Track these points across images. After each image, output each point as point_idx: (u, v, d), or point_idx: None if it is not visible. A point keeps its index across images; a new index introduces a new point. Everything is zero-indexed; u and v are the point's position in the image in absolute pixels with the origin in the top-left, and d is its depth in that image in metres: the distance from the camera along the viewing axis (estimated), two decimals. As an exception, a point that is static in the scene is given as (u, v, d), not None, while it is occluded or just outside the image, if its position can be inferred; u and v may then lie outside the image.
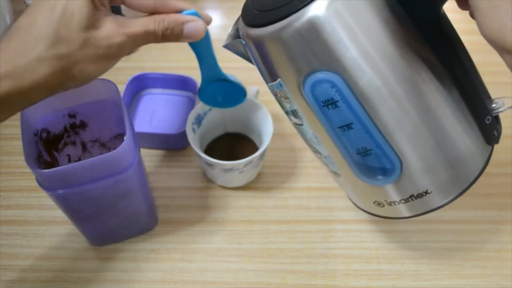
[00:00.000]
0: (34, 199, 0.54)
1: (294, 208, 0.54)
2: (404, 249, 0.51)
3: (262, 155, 0.51)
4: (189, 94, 0.63)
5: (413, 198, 0.40)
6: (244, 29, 0.37)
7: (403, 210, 0.41)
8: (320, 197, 0.55)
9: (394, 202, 0.41)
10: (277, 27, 0.33)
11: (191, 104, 0.61)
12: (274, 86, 0.38)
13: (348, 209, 0.54)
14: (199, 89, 0.50)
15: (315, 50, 0.33)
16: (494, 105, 0.39)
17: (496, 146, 0.60)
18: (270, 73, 0.37)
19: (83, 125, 0.48)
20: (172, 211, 0.53)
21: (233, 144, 0.58)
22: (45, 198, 0.53)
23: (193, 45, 0.43)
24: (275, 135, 0.52)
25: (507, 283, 0.48)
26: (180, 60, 0.68)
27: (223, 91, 0.50)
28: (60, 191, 0.39)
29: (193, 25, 0.40)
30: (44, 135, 0.45)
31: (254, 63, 0.38)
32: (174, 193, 0.55)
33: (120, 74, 0.65)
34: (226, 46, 0.40)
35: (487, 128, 0.39)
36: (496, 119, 0.40)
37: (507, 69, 0.33)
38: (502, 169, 0.57)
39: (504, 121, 0.63)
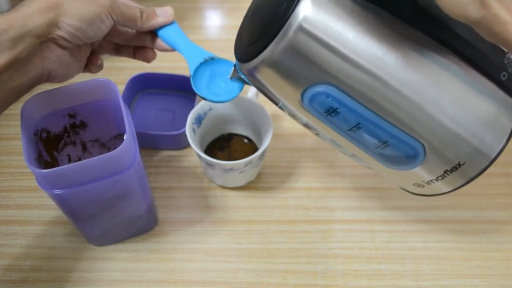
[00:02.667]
0: (34, 199, 0.54)
1: (294, 208, 0.54)
2: (404, 249, 0.51)
3: (262, 155, 0.51)
4: (189, 94, 0.63)
5: (448, 173, 0.39)
6: (238, 64, 0.39)
7: (443, 186, 0.41)
8: (320, 197, 0.55)
9: (431, 181, 0.40)
10: (261, 59, 0.35)
11: (191, 104, 0.61)
12: (280, 107, 0.40)
13: (348, 209, 0.54)
14: (191, 76, 0.46)
15: (299, 70, 0.35)
16: (509, 59, 0.37)
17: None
18: (271, 98, 0.39)
19: (83, 125, 0.48)
20: (172, 211, 0.53)
21: (233, 144, 0.58)
22: (45, 198, 0.53)
23: (164, 36, 0.46)
24: (275, 135, 0.52)
25: (507, 283, 0.48)
26: (180, 60, 0.67)
27: (217, 77, 0.47)
28: (60, 191, 0.39)
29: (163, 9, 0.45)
30: (44, 135, 0.45)
31: (258, 90, 0.40)
32: (174, 193, 0.55)
33: (120, 74, 0.65)
34: (232, 79, 0.42)
35: (506, 84, 0.37)
36: None
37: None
38: (502, 169, 0.57)
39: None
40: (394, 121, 0.36)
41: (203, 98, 0.45)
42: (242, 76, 0.40)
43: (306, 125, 0.41)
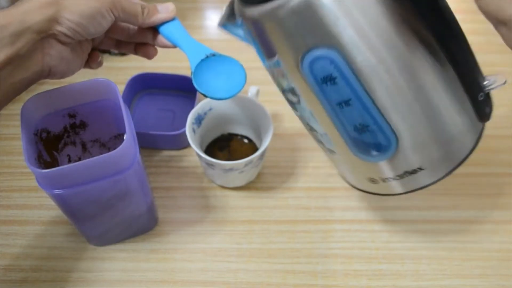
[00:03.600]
0: (34, 199, 0.54)
1: (294, 208, 0.54)
2: (404, 249, 0.51)
3: (262, 155, 0.51)
4: (189, 94, 0.63)
5: (406, 174, 0.40)
6: (240, 8, 0.37)
7: (396, 186, 0.42)
8: (320, 197, 0.55)
9: (388, 178, 0.41)
10: (274, 5, 0.33)
11: (191, 104, 0.61)
12: (271, 65, 0.38)
13: (348, 209, 0.54)
14: (192, 73, 0.45)
15: (313, 28, 0.34)
16: (486, 82, 0.39)
17: (496, 146, 0.60)
18: (267, 52, 0.38)
19: (83, 125, 0.48)
20: (172, 211, 0.53)
21: (233, 144, 0.58)
22: (45, 198, 0.53)
23: (165, 32, 0.45)
24: (275, 135, 0.52)
25: (507, 283, 0.48)
26: (180, 60, 0.67)
27: (218, 73, 0.46)
28: (60, 191, 0.39)
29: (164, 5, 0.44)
30: (44, 135, 0.45)
31: (251, 41, 0.39)
32: (174, 193, 0.55)
33: (120, 74, 0.65)
34: (221, 26, 0.41)
35: (480, 104, 0.39)
36: (488, 96, 0.41)
37: (506, 70, 0.33)
38: (502, 169, 0.57)
39: (504, 122, 0.64)
40: (382, 107, 0.36)
41: (204, 95, 0.44)
42: (238, 21, 0.38)
43: (289, 90, 0.40)
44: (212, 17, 0.78)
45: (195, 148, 0.50)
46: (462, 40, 0.37)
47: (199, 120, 0.54)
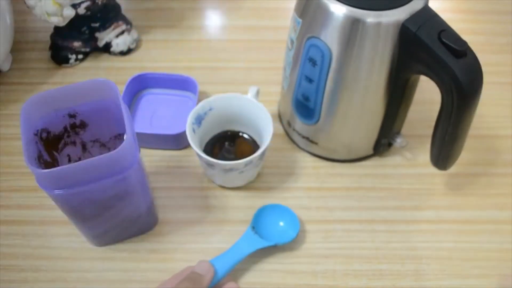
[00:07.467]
0: (34, 199, 0.54)
1: (294, 208, 0.54)
2: (404, 249, 0.51)
3: (262, 155, 0.51)
4: (189, 94, 0.63)
5: (307, 139, 0.56)
6: None
7: (297, 139, 0.58)
8: (320, 197, 0.55)
9: (298, 132, 0.57)
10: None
11: (191, 104, 0.61)
12: (296, 19, 0.48)
13: (348, 209, 0.54)
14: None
15: (333, 34, 0.45)
16: (395, 138, 0.55)
17: (496, 146, 0.60)
18: (301, 12, 0.47)
19: (83, 125, 0.48)
20: (172, 211, 0.53)
21: (233, 144, 0.58)
22: (45, 198, 0.53)
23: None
24: (275, 135, 0.52)
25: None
26: (180, 60, 0.68)
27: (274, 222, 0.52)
28: (60, 191, 0.39)
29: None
30: (44, 135, 0.45)
31: None
32: (174, 193, 0.55)
33: (120, 74, 0.65)
34: None
35: (380, 144, 0.55)
36: (389, 145, 0.57)
37: (506, 70, 0.33)
38: (502, 169, 0.57)
39: (504, 122, 0.64)
40: (325, 100, 0.50)
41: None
42: None
43: (290, 39, 0.50)
44: (212, 17, 0.78)
45: (195, 148, 0.50)
46: (401, 106, 0.51)
47: (199, 120, 0.54)
